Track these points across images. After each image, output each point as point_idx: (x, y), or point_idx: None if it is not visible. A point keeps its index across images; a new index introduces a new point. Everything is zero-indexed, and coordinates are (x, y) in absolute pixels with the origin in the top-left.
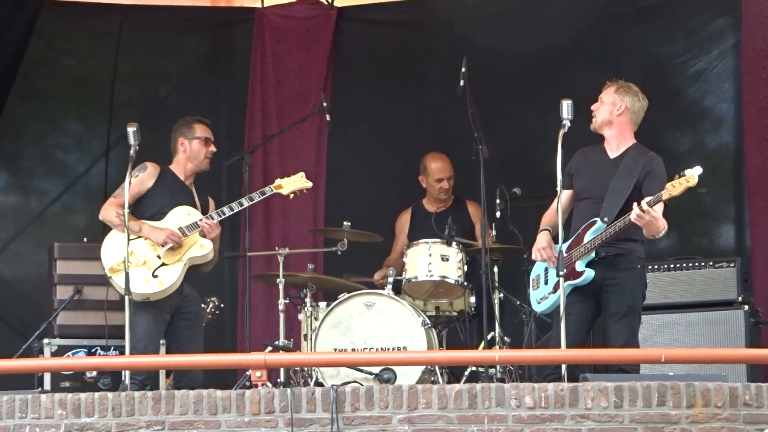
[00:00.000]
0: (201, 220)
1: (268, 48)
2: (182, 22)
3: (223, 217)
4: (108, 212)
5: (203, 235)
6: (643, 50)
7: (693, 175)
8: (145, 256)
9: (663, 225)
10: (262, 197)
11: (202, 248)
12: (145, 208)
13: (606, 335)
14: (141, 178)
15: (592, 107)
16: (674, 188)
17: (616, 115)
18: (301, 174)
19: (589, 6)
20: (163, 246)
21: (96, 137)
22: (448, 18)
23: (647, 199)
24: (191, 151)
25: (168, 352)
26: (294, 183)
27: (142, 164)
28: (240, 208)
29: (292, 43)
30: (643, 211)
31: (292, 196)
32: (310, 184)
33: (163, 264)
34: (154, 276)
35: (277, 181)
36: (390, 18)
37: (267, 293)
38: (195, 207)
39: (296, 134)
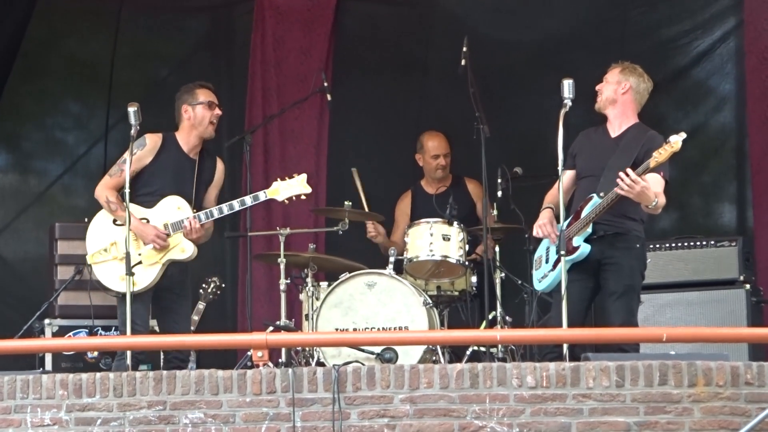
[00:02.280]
0: (188, 218)
1: (269, 28)
2: (182, 3)
3: (211, 219)
4: (101, 195)
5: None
6: (647, 32)
7: (677, 140)
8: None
9: (654, 195)
10: (255, 202)
11: (182, 252)
12: (140, 185)
13: (604, 315)
14: (139, 156)
15: (597, 87)
16: (660, 155)
17: (620, 93)
18: (303, 177)
19: None
20: (147, 244)
21: (96, 118)
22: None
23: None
24: (195, 118)
25: (156, 319)
26: (292, 187)
27: (142, 138)
28: (230, 212)
29: (293, 23)
30: (632, 180)
31: (287, 201)
32: (309, 190)
33: (140, 263)
34: (132, 274)
35: (275, 185)
36: None
37: (268, 273)
38: (194, 179)
39: (297, 114)
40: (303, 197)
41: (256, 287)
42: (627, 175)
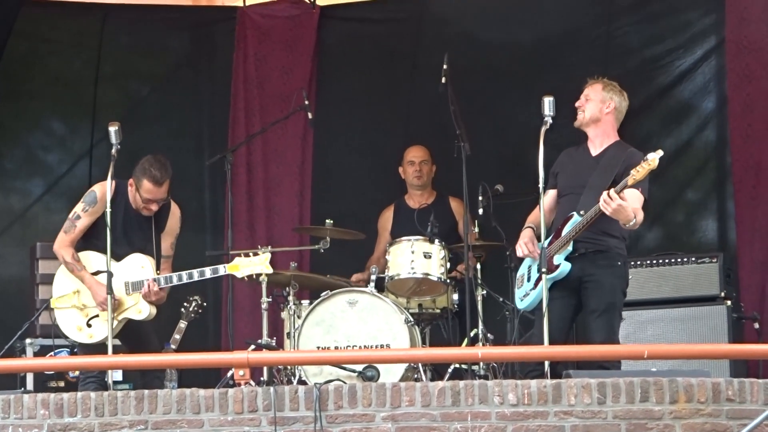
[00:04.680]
0: (147, 280)
1: (251, 47)
2: (164, 21)
3: (170, 284)
4: (59, 253)
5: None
6: (630, 51)
7: (654, 158)
8: (84, 304)
9: (633, 213)
10: (214, 275)
11: (138, 313)
12: (97, 232)
13: (586, 332)
14: (91, 212)
15: (577, 104)
16: (638, 173)
17: (605, 112)
18: (266, 256)
19: (576, 7)
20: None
21: (79, 137)
22: (432, 15)
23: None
24: (135, 198)
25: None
26: (253, 265)
27: (92, 193)
28: (189, 280)
29: (275, 42)
30: (610, 198)
31: (246, 279)
32: (270, 270)
33: (97, 315)
34: (88, 325)
35: (236, 260)
36: (372, 16)
37: (250, 292)
38: (149, 233)
39: (280, 134)
40: (263, 276)
41: (238, 306)
42: (607, 195)
